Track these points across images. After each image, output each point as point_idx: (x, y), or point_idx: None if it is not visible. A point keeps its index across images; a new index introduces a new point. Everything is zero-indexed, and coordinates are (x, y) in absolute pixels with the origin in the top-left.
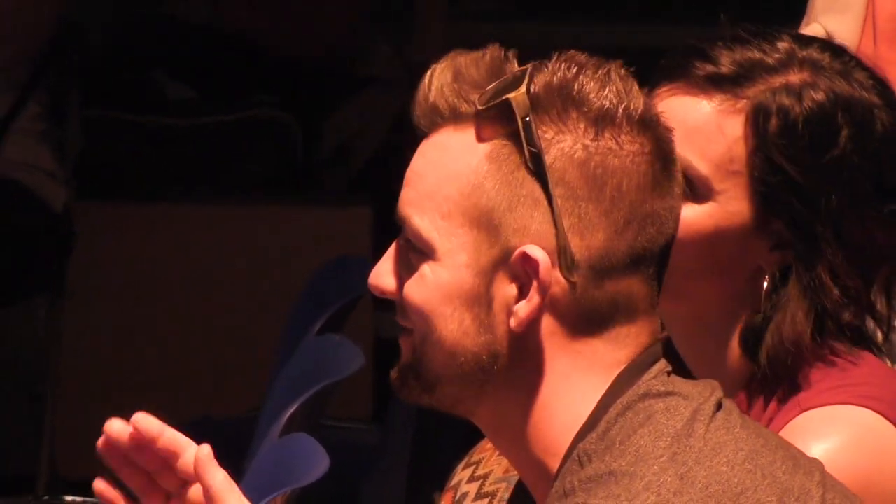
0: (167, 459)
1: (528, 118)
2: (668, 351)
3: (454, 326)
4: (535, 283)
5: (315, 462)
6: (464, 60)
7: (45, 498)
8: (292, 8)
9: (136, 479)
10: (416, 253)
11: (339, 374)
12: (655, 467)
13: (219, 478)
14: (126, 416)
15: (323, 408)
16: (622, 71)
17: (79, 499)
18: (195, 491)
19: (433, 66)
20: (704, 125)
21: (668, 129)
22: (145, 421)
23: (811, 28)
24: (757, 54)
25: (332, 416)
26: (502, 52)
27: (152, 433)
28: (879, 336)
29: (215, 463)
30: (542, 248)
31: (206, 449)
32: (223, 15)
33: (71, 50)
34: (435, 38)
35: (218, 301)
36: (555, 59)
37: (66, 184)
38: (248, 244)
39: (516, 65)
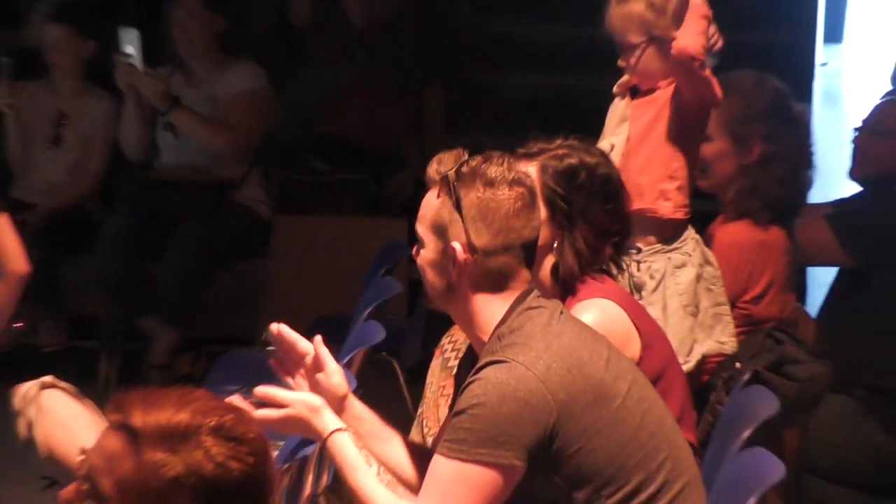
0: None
1: (454, 183)
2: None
3: (431, 277)
4: (457, 259)
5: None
6: (443, 156)
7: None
8: (374, 120)
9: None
10: (419, 244)
11: (388, 294)
12: (532, 341)
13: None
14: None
15: (384, 309)
16: (508, 158)
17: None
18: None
19: (435, 157)
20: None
21: (531, 182)
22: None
23: (605, 142)
24: (544, 144)
25: (389, 313)
26: (464, 154)
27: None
28: (615, 271)
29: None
30: (460, 244)
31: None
32: (343, 128)
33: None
34: (438, 141)
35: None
36: (480, 157)
37: (271, 201)
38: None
39: (467, 158)
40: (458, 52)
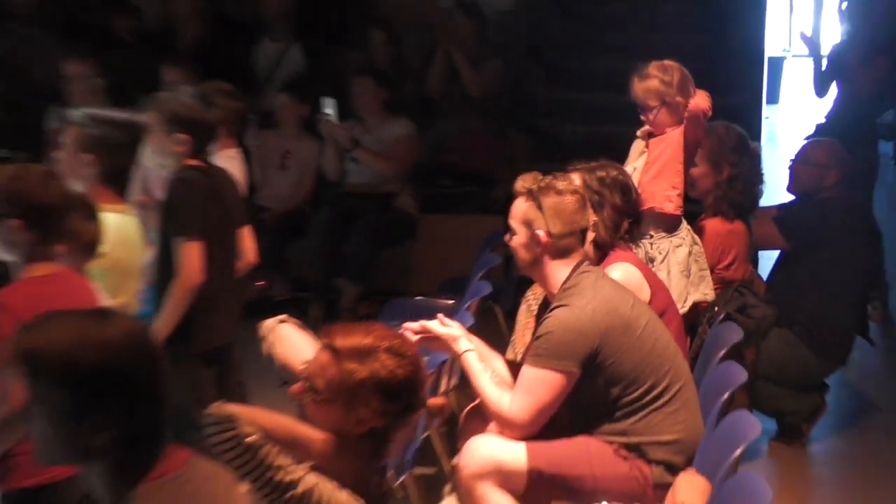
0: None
1: (536, 193)
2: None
3: (521, 254)
4: (540, 242)
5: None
6: (525, 176)
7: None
8: (481, 154)
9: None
10: (511, 233)
11: (491, 264)
12: (584, 292)
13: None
14: None
15: (490, 273)
16: (567, 176)
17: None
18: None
19: (520, 177)
20: None
21: (583, 190)
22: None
23: (629, 166)
24: (584, 164)
25: (492, 276)
26: (538, 175)
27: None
28: (632, 244)
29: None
30: (543, 231)
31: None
32: (463, 159)
33: None
34: (521, 167)
35: None
36: (550, 176)
37: (417, 206)
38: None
39: (541, 177)
40: (535, 111)
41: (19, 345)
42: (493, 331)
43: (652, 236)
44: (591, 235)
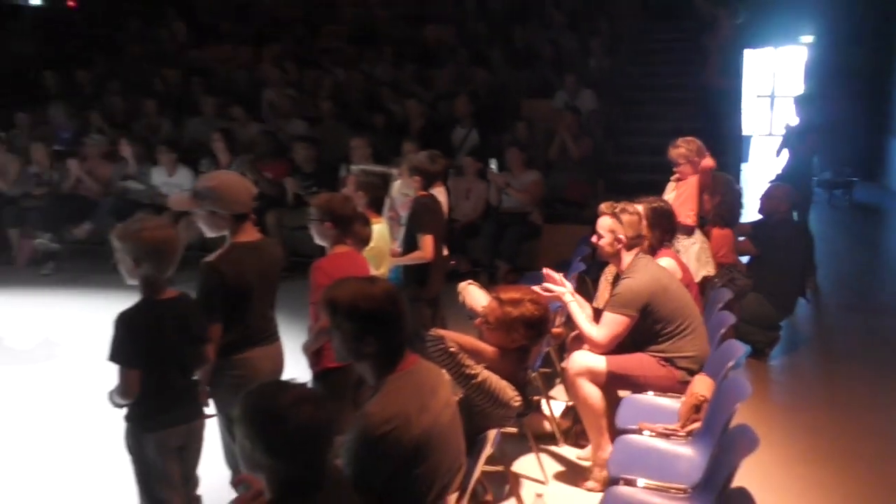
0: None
1: (617, 213)
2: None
3: (606, 249)
4: (622, 242)
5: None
6: (604, 203)
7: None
8: (578, 190)
9: None
10: (598, 236)
11: (584, 253)
12: (640, 271)
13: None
14: None
15: (584, 258)
16: (632, 203)
17: None
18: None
19: (602, 203)
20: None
21: (641, 212)
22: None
23: (665, 197)
24: (645, 198)
25: (585, 259)
26: (615, 202)
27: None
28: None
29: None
30: (624, 236)
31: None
32: (570, 193)
33: None
34: (603, 197)
35: None
36: (622, 203)
37: (542, 219)
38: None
39: (617, 203)
40: (609, 167)
41: (326, 295)
42: (584, 291)
43: (678, 238)
44: (646, 243)
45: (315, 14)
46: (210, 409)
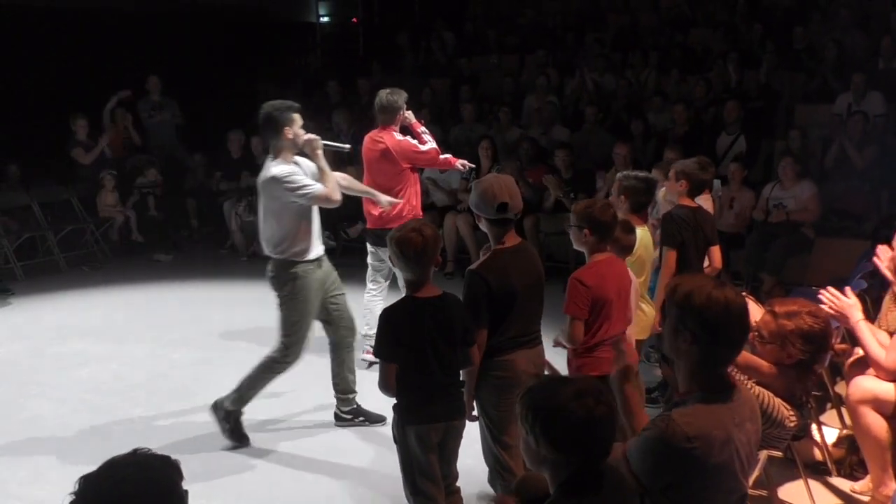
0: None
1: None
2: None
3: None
4: None
5: None
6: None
7: None
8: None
9: None
10: None
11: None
12: None
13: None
14: None
15: None
16: None
17: None
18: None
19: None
20: None
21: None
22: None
23: None
24: None
25: None
26: None
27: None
28: None
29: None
30: None
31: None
32: (846, 206)
33: None
34: None
35: None
36: None
37: (813, 231)
38: None
39: None
40: None
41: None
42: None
43: None
44: None
45: (581, 21)
46: (473, 411)
